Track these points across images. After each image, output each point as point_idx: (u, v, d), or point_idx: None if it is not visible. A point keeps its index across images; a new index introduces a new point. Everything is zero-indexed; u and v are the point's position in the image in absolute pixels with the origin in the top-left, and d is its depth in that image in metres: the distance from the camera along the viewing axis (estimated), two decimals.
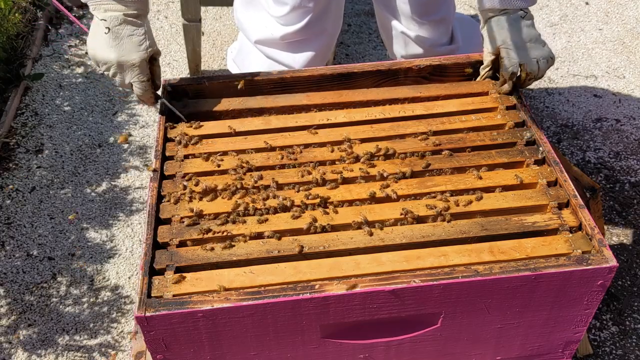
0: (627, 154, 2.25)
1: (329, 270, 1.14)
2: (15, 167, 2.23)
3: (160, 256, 1.17)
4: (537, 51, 1.43)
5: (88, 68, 2.62)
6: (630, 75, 2.58)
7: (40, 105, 2.46)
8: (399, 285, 1.10)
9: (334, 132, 1.42)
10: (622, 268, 1.90)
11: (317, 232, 1.21)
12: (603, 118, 2.40)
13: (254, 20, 1.96)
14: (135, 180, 2.19)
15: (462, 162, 1.34)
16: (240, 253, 1.18)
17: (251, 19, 1.98)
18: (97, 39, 1.36)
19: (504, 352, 1.29)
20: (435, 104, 1.49)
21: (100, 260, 1.96)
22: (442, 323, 1.19)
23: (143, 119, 2.41)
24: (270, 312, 1.10)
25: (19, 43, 2.62)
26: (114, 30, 1.33)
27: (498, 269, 1.12)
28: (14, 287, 1.89)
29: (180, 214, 1.24)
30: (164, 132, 1.42)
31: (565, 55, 2.67)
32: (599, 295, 1.18)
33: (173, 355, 1.16)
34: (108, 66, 1.38)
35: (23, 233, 2.02)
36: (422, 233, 1.20)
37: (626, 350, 1.73)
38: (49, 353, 1.74)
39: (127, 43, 1.35)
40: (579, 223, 1.21)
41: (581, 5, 2.91)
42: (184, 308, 1.07)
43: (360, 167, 1.33)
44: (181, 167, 1.34)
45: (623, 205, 2.08)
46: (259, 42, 1.96)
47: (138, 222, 2.06)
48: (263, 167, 1.34)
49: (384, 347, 1.23)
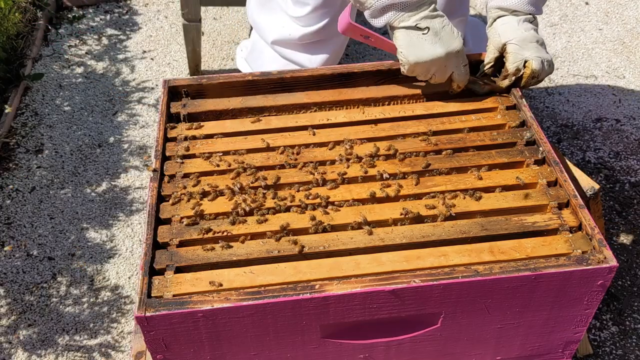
0: (627, 154, 2.25)
1: (329, 270, 1.14)
2: (15, 167, 2.23)
3: (160, 256, 1.17)
4: (542, 53, 1.45)
5: (88, 68, 2.62)
6: (630, 75, 2.58)
7: (40, 105, 2.46)
8: (399, 285, 1.10)
9: (334, 132, 1.42)
10: (622, 268, 1.90)
11: (317, 232, 1.21)
12: (603, 118, 2.40)
13: (270, 21, 1.96)
14: (135, 180, 2.19)
15: (462, 162, 1.34)
16: (240, 253, 1.18)
17: (267, 20, 1.98)
18: (416, 46, 1.36)
19: (504, 352, 1.29)
20: (435, 104, 1.49)
21: (100, 260, 1.96)
22: (442, 323, 1.19)
23: (143, 119, 2.41)
24: (270, 312, 1.10)
25: (19, 43, 2.62)
26: (432, 27, 1.35)
27: (498, 269, 1.12)
28: (14, 287, 1.89)
29: (180, 214, 1.24)
30: (164, 132, 1.42)
31: (565, 55, 2.67)
32: (599, 295, 1.18)
33: (173, 355, 1.16)
34: (438, 64, 1.38)
35: (23, 233, 2.02)
36: (422, 233, 1.20)
37: (626, 350, 1.73)
38: (49, 353, 1.74)
39: (445, 35, 1.37)
40: (579, 223, 1.21)
41: (581, 5, 2.91)
42: (184, 308, 1.08)
43: (360, 167, 1.33)
44: (181, 167, 1.34)
45: (623, 205, 2.08)
46: (276, 42, 1.96)
47: (138, 222, 2.06)
48: (263, 167, 1.35)
49: (384, 347, 1.23)
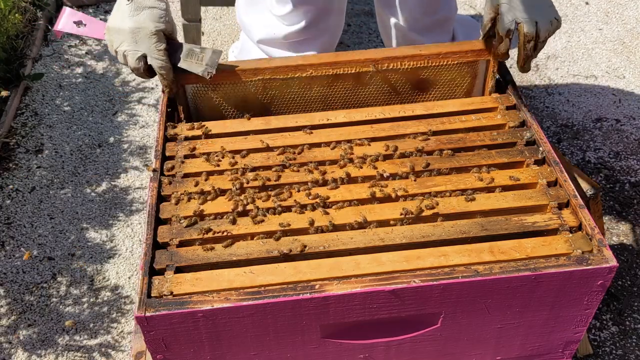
0: (627, 154, 2.25)
1: (329, 270, 1.14)
2: (15, 167, 2.23)
3: (160, 256, 1.17)
4: (538, 12, 1.35)
5: (88, 68, 2.62)
6: (630, 75, 2.58)
7: (40, 105, 2.46)
8: (399, 285, 1.10)
9: (334, 132, 1.42)
10: (622, 268, 1.90)
11: (317, 232, 1.21)
12: (603, 118, 2.40)
13: (256, 20, 1.96)
14: (135, 180, 2.19)
15: (462, 162, 1.34)
16: (240, 253, 1.18)
17: (254, 19, 1.98)
18: (116, 13, 1.31)
19: (504, 352, 1.29)
20: (435, 104, 1.49)
21: (100, 260, 1.96)
22: (442, 323, 1.19)
23: (143, 119, 2.41)
24: (270, 312, 1.10)
25: (19, 43, 2.62)
26: (137, 1, 1.29)
27: (498, 269, 1.12)
28: (14, 287, 1.89)
29: (180, 214, 1.24)
30: (164, 132, 1.42)
31: (565, 55, 2.67)
32: (599, 295, 1.18)
33: (173, 355, 1.16)
34: (121, 40, 1.31)
35: (23, 233, 2.02)
36: (422, 233, 1.20)
37: (626, 350, 1.73)
38: (49, 353, 1.74)
39: (146, 14, 1.30)
40: (579, 223, 1.21)
41: (581, 5, 2.91)
42: (184, 308, 1.07)
43: (360, 167, 1.33)
44: (181, 167, 1.34)
45: (623, 205, 2.08)
46: (262, 41, 1.96)
47: (138, 222, 2.06)
48: (263, 167, 1.35)
49: (384, 347, 1.23)
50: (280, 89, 1.49)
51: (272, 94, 1.50)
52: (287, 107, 1.52)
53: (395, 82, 1.51)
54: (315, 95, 1.51)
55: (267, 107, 1.51)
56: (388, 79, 1.50)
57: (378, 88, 1.52)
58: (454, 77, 1.53)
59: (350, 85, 1.50)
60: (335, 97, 1.52)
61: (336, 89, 1.50)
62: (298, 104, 1.52)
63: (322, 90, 1.50)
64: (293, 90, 1.50)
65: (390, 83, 1.51)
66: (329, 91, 1.51)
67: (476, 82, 1.55)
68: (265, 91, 1.49)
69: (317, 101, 1.52)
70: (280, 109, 1.52)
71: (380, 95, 1.53)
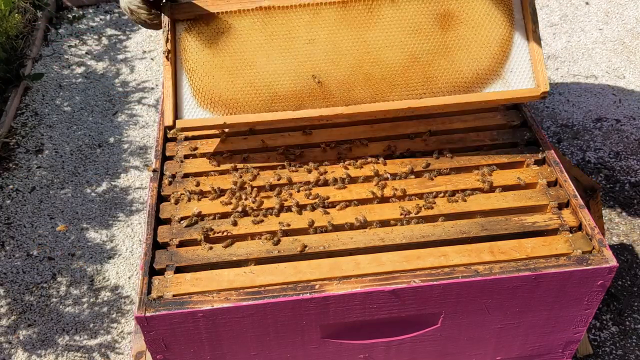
0: (627, 154, 2.25)
1: (329, 270, 1.14)
2: (15, 167, 2.23)
3: (160, 256, 1.17)
4: None
5: (88, 68, 2.62)
6: (630, 75, 2.58)
7: (40, 105, 2.45)
8: (399, 285, 1.10)
9: (334, 132, 1.42)
10: (622, 268, 1.90)
11: (317, 232, 1.21)
12: (603, 118, 2.40)
13: None
14: (135, 180, 2.19)
15: (462, 162, 1.34)
16: (240, 253, 1.18)
17: None
18: None
19: (504, 352, 1.29)
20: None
21: (100, 260, 1.96)
22: (442, 323, 1.19)
23: (143, 119, 2.41)
24: (271, 312, 1.10)
25: (19, 43, 2.62)
26: None
27: (498, 269, 1.12)
28: (14, 287, 1.89)
29: (180, 214, 1.24)
30: (164, 132, 1.42)
31: (565, 55, 2.67)
32: (599, 295, 1.18)
33: (173, 355, 1.16)
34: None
35: (23, 233, 2.02)
36: (422, 233, 1.20)
37: (626, 350, 1.72)
38: (49, 353, 1.74)
39: None
40: (579, 223, 1.21)
41: (581, 5, 2.91)
42: (184, 308, 1.07)
43: (361, 167, 1.33)
44: (181, 167, 1.34)
45: (623, 205, 2.08)
46: None
47: (138, 222, 2.06)
48: (263, 167, 1.34)
49: (384, 347, 1.23)
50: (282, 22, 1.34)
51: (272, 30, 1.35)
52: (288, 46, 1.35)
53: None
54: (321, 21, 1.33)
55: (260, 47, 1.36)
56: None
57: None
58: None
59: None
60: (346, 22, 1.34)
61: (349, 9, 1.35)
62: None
63: (333, 14, 1.34)
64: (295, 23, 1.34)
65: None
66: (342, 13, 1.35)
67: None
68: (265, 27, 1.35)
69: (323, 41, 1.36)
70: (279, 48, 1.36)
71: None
